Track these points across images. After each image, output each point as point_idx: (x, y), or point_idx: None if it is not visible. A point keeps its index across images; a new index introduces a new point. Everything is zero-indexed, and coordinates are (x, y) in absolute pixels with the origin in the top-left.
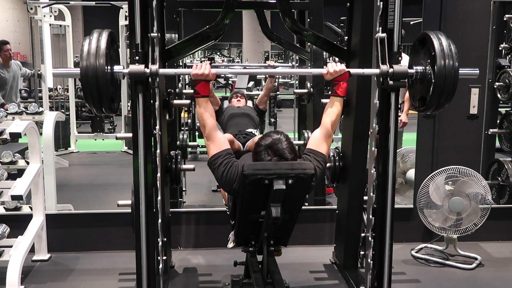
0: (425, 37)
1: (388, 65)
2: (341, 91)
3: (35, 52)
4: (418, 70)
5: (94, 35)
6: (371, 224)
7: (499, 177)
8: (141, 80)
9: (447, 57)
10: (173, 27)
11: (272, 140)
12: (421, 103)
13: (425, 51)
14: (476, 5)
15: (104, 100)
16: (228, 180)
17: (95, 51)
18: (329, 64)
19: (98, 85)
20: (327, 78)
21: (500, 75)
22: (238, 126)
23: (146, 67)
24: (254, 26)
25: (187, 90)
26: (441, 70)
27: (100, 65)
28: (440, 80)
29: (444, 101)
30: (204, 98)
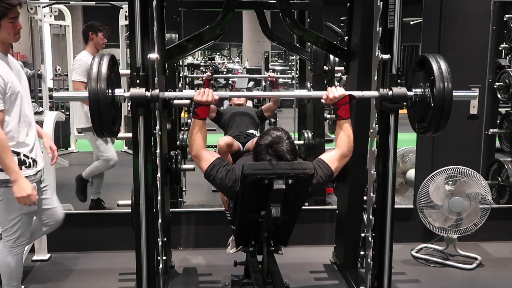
0: (424, 60)
1: (387, 88)
2: (344, 114)
3: (35, 52)
4: (417, 93)
5: (96, 60)
6: (371, 224)
7: (499, 177)
8: (142, 103)
9: (446, 81)
10: (173, 27)
11: (272, 139)
12: (420, 125)
13: (424, 74)
14: (476, 5)
15: (105, 123)
16: (229, 185)
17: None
18: (329, 89)
19: (99, 109)
20: (328, 102)
21: (500, 75)
22: (239, 127)
23: (147, 90)
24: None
25: (187, 90)
26: (440, 94)
27: (101, 89)
28: (439, 104)
29: (443, 123)
30: (201, 121)
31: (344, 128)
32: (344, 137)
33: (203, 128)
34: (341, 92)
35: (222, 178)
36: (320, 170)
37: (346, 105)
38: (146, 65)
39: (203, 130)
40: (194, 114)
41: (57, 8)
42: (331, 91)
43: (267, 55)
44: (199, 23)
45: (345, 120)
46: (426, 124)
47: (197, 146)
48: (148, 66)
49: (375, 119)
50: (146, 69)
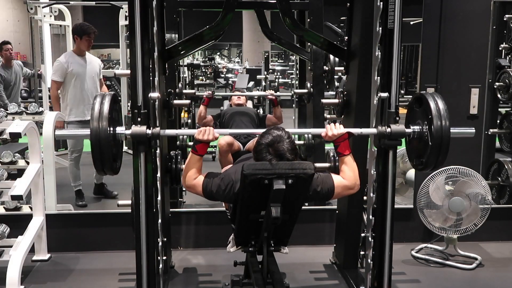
0: (422, 98)
1: (386, 126)
2: (344, 150)
3: (35, 52)
4: (415, 130)
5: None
6: (371, 224)
7: (499, 177)
8: (143, 141)
9: (443, 119)
10: (173, 27)
11: (273, 138)
12: (418, 161)
13: (422, 111)
14: (476, 5)
15: (106, 161)
16: (227, 191)
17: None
18: (327, 127)
19: (101, 147)
20: (327, 139)
21: (500, 75)
22: (239, 127)
23: (148, 128)
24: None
25: (187, 90)
26: (438, 132)
27: (103, 128)
28: (437, 142)
29: (441, 160)
30: (199, 157)
31: (347, 163)
32: (349, 172)
33: (199, 162)
34: (340, 131)
35: (218, 189)
36: (324, 183)
37: (345, 142)
38: (147, 102)
39: (199, 164)
40: (193, 150)
41: (57, 8)
42: (330, 129)
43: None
44: (199, 23)
45: (347, 157)
46: (424, 161)
47: (190, 179)
48: (149, 103)
49: (375, 119)
50: (147, 106)
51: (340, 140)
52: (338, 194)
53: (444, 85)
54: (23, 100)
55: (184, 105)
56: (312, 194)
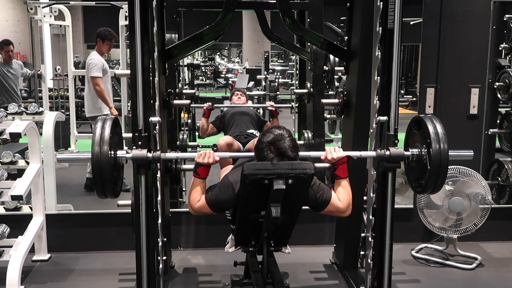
0: (420, 121)
1: (385, 149)
2: (342, 173)
3: (35, 52)
4: (414, 153)
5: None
6: (371, 224)
7: (499, 177)
8: (143, 164)
9: (442, 143)
10: (173, 27)
11: (274, 136)
12: (417, 183)
13: (420, 134)
14: (476, 5)
15: (107, 184)
16: (228, 197)
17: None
18: (327, 150)
19: (101, 170)
20: (326, 162)
21: (500, 75)
22: (239, 127)
23: (148, 151)
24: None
25: (187, 90)
26: (437, 156)
27: (104, 152)
28: (436, 166)
29: (440, 183)
30: (201, 179)
31: (343, 186)
32: (343, 196)
33: (202, 184)
34: (339, 154)
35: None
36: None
37: (344, 165)
38: (148, 125)
39: (202, 186)
40: (194, 173)
41: (57, 8)
42: (329, 153)
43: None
44: (199, 23)
45: (344, 179)
46: (423, 184)
47: (193, 202)
48: (150, 126)
49: (375, 119)
50: (148, 130)
51: (339, 163)
52: (327, 211)
53: (444, 85)
54: (23, 100)
55: (184, 105)
56: (311, 199)
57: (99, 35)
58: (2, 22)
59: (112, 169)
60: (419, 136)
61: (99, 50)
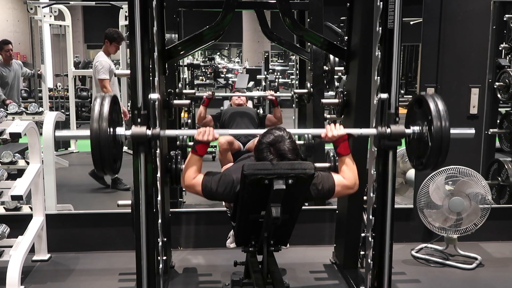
0: (422, 99)
1: (385, 126)
2: (344, 150)
3: (35, 52)
4: (415, 131)
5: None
6: (371, 224)
7: (499, 177)
8: (142, 142)
9: (443, 120)
10: (173, 27)
11: (274, 138)
12: (418, 162)
13: (422, 112)
14: (476, 5)
15: (106, 162)
16: (227, 191)
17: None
18: (327, 128)
19: (100, 148)
20: (326, 140)
21: (500, 75)
22: (239, 127)
23: (148, 128)
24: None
25: (187, 90)
26: (438, 133)
27: (103, 129)
28: (437, 143)
29: (441, 160)
30: (198, 157)
31: (347, 163)
32: (348, 172)
33: (199, 162)
34: (340, 132)
35: (218, 188)
36: (325, 181)
37: (345, 143)
38: (147, 103)
39: (199, 164)
40: (192, 150)
41: (57, 8)
42: (329, 130)
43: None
44: (199, 23)
45: (346, 157)
46: (424, 162)
47: (188, 178)
48: (149, 104)
49: (375, 119)
50: (147, 107)
51: (340, 141)
52: (338, 193)
53: (444, 85)
54: (23, 100)
55: (184, 105)
56: (313, 193)
57: (108, 36)
58: (2, 22)
59: (111, 146)
60: (420, 114)
61: (106, 51)
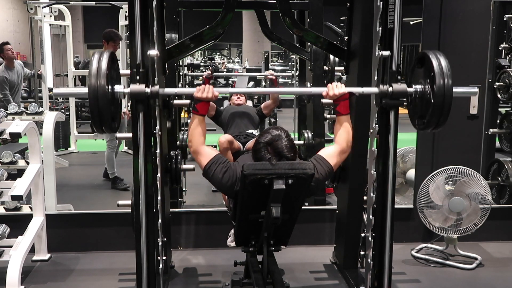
0: (424, 57)
1: (387, 85)
2: (344, 110)
3: (35, 52)
4: (417, 89)
5: (95, 56)
6: (371, 224)
7: (499, 177)
8: (141, 100)
9: (446, 77)
10: (173, 27)
11: (272, 137)
12: (420, 121)
13: (424, 70)
14: (476, 5)
15: (105, 119)
16: (229, 183)
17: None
18: (329, 86)
19: (99, 105)
20: (327, 98)
21: (500, 75)
22: (239, 127)
23: (146, 86)
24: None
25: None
26: (440, 90)
27: (101, 85)
28: (439, 100)
29: (443, 119)
30: (201, 116)
31: (343, 124)
32: (343, 133)
33: (203, 123)
34: (341, 90)
35: (220, 177)
36: (319, 167)
37: (345, 101)
38: (146, 61)
39: (203, 126)
40: (193, 110)
41: (57, 8)
42: (331, 88)
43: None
44: (199, 23)
45: (345, 116)
46: (426, 121)
47: (196, 141)
48: (148, 62)
49: (375, 119)
50: (146, 66)
51: (341, 100)
52: (337, 164)
53: None
54: (23, 100)
55: (184, 105)
56: (314, 185)
57: (104, 36)
58: (2, 22)
59: (109, 103)
60: (422, 73)
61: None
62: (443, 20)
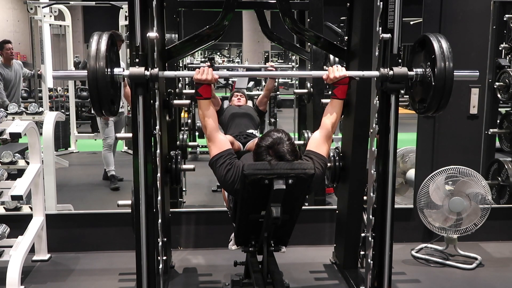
0: (425, 39)
1: (388, 68)
2: (340, 94)
3: (35, 52)
4: (418, 73)
5: (94, 38)
6: (371, 224)
7: (499, 177)
8: (141, 83)
9: (447, 60)
10: (173, 27)
11: (273, 140)
12: (421, 105)
13: (425, 53)
14: (476, 5)
15: (104, 102)
16: (231, 181)
17: (95, 54)
18: (330, 69)
19: (98, 87)
20: (328, 82)
21: (500, 75)
22: (239, 127)
23: (146, 69)
24: (254, 26)
25: (187, 90)
26: (441, 73)
27: (100, 67)
28: (440, 83)
29: (444, 103)
30: (206, 100)
31: (336, 107)
32: (332, 117)
33: (210, 107)
34: (342, 73)
35: (223, 173)
36: (315, 162)
37: (344, 86)
38: (145, 44)
39: (211, 110)
40: (197, 96)
41: (57, 8)
42: (331, 71)
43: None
44: (199, 23)
45: (339, 101)
46: (427, 104)
47: (209, 127)
48: (147, 45)
49: (375, 119)
50: (145, 49)
51: (340, 83)
52: (327, 151)
53: None
54: (23, 100)
55: (184, 105)
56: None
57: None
58: (2, 22)
59: (109, 86)
60: (423, 56)
61: None
62: (443, 20)
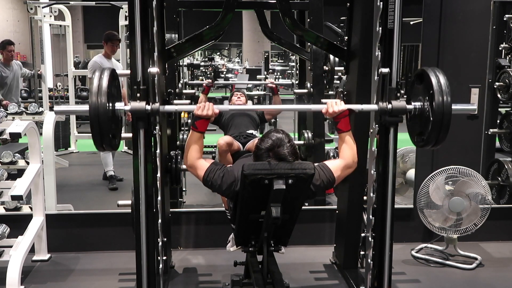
0: (423, 74)
1: (387, 102)
2: (344, 127)
3: (35, 52)
4: (417, 106)
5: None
6: (371, 224)
7: (499, 177)
8: (142, 117)
9: (445, 94)
10: (173, 27)
11: (273, 142)
12: (419, 138)
13: (423, 87)
14: (476, 5)
15: (105, 137)
16: (228, 187)
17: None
18: (328, 104)
19: (100, 122)
20: (327, 116)
21: (500, 75)
22: (239, 128)
23: (147, 103)
24: (254, 26)
25: (187, 90)
26: (439, 108)
27: (102, 103)
28: (438, 117)
29: (442, 136)
30: (199, 134)
31: (346, 140)
32: (347, 150)
33: (201, 140)
34: (341, 107)
35: (219, 182)
36: (322, 173)
37: (345, 118)
38: (146, 78)
39: (200, 142)
40: (193, 126)
41: (57, 8)
42: (330, 106)
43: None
44: (199, 23)
45: (346, 133)
46: (425, 138)
47: (192, 157)
48: (149, 79)
49: (375, 119)
50: (147, 82)
51: (341, 117)
52: (340, 177)
53: None
54: (23, 100)
55: None
56: (314, 189)
57: (103, 38)
58: (2, 22)
59: (110, 121)
60: (421, 90)
61: (105, 53)
62: (443, 20)
